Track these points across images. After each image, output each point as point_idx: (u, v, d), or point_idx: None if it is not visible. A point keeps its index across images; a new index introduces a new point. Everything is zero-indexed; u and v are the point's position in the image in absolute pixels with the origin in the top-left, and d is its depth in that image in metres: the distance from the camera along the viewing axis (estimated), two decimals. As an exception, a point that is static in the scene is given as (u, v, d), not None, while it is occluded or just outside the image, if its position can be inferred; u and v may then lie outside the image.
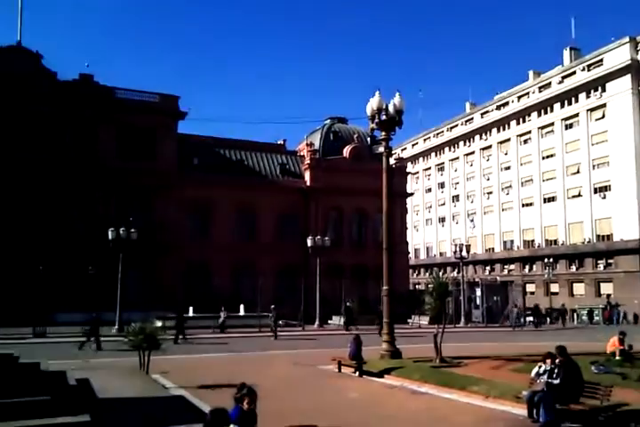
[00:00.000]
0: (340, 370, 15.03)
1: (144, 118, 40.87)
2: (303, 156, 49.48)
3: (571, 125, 59.23)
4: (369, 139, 48.38)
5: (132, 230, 30.32)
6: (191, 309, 34.37)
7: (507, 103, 67.84)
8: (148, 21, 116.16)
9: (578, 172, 57.55)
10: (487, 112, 71.14)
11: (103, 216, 37.90)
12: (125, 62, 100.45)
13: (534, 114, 63.55)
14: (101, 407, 8.72)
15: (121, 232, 29.94)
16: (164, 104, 42.17)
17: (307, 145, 49.31)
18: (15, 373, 8.42)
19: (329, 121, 53.20)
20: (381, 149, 17.44)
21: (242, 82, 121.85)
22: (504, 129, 68.18)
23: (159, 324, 20.94)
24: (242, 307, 36.57)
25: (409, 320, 37.99)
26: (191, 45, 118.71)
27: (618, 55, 54.11)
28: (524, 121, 65.17)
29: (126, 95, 41.06)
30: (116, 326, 27.87)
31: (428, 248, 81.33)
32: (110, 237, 30.00)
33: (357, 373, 14.34)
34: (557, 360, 9.26)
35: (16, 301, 32.70)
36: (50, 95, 38.18)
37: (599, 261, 54.52)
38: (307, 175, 48.07)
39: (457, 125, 76.78)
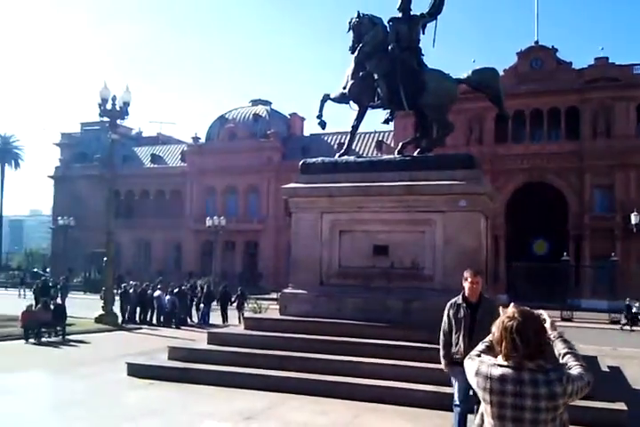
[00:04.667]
0: None
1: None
2: None
3: None
4: None
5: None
6: None
7: None
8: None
9: None
10: None
11: (621, 200, 36.56)
12: None
13: None
14: (637, 398, 8.53)
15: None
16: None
17: None
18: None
19: None
20: None
21: None
22: None
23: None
24: None
25: None
26: None
27: None
28: None
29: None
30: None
31: None
32: (633, 221, 28.88)
33: None
34: None
35: (544, 287, 34.71)
36: (569, 84, 39.36)
37: None
38: None
39: None
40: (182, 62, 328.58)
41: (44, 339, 14.77)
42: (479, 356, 2.77)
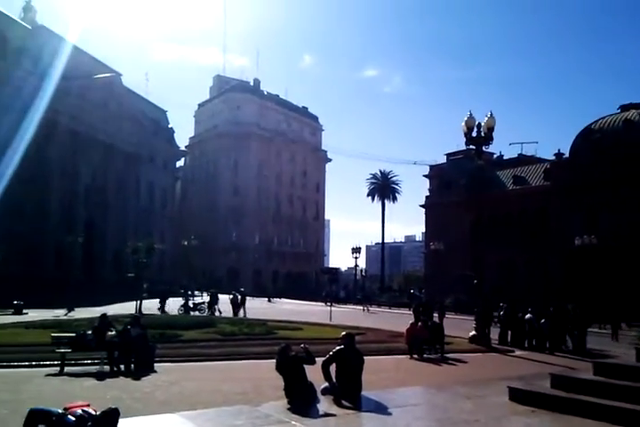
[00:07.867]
0: None
1: None
2: None
3: None
4: None
5: None
6: None
7: None
8: None
9: None
10: None
11: None
12: None
13: None
14: None
15: None
16: None
17: None
18: None
19: None
20: None
21: None
22: None
23: None
24: None
25: None
26: None
27: None
28: None
29: None
30: None
31: None
32: None
33: None
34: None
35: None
36: None
37: None
38: None
39: None
40: (538, 80, 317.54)
41: (424, 355, 15.92)
42: None
